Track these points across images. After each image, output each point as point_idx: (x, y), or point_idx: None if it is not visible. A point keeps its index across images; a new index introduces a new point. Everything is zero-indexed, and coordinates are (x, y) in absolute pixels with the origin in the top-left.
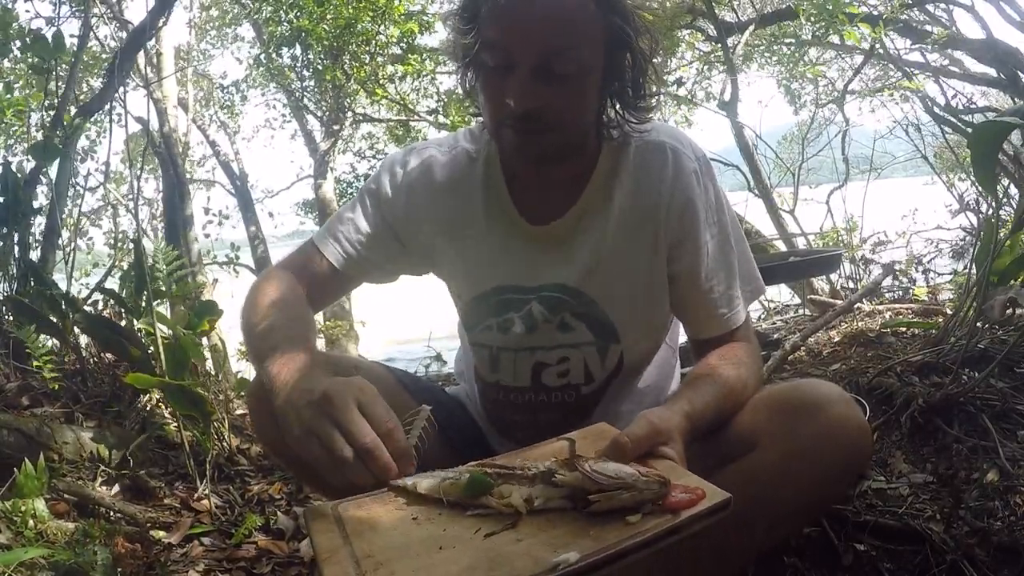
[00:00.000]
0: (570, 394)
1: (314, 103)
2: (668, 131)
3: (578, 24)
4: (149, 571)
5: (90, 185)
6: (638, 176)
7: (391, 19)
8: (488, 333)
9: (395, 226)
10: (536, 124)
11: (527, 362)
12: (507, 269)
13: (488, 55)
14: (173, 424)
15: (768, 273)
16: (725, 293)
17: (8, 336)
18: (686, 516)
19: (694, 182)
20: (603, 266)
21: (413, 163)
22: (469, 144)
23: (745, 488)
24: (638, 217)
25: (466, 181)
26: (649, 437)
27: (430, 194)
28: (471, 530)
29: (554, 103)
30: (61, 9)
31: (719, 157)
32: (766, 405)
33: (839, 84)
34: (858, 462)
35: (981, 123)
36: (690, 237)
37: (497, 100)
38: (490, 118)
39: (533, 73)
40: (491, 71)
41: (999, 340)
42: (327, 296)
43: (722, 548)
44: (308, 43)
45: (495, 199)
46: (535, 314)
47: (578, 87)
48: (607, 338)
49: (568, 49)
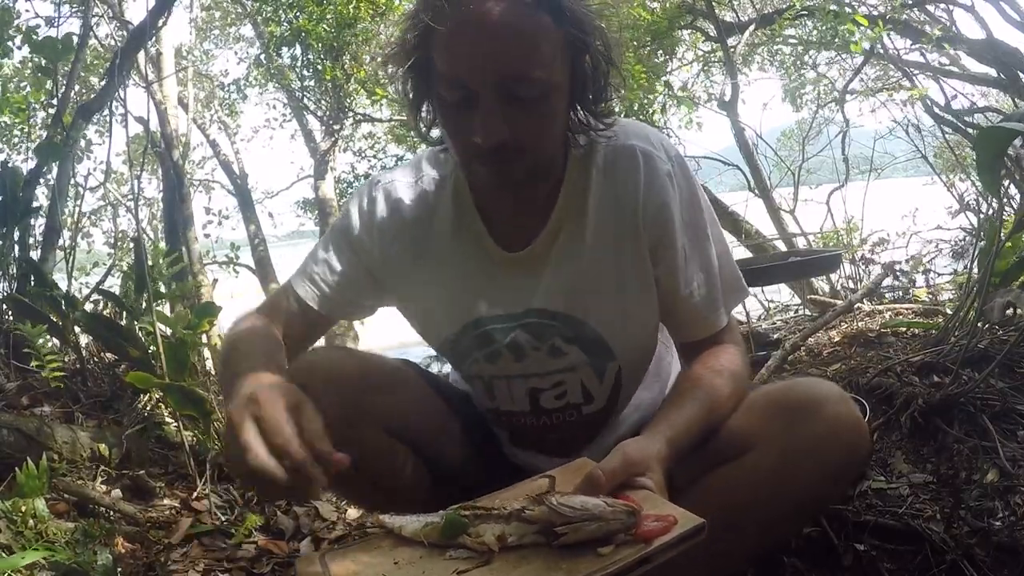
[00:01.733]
0: (571, 414)
1: (314, 103)
2: (636, 131)
3: (536, 44)
4: (149, 571)
5: (90, 185)
6: (609, 185)
7: (391, 19)
8: (477, 365)
9: (368, 264)
10: (508, 154)
11: (522, 388)
12: (486, 300)
13: (446, 91)
14: (173, 424)
15: (768, 273)
16: (706, 296)
17: (8, 336)
18: (657, 544)
19: (668, 185)
20: (586, 284)
21: (380, 199)
22: (433, 171)
23: (742, 489)
24: (615, 227)
25: (435, 213)
26: (624, 469)
27: (399, 231)
28: (448, 571)
29: (523, 129)
30: (61, 9)
31: (719, 157)
32: (762, 405)
33: (839, 84)
34: (856, 461)
35: (986, 128)
36: (666, 241)
37: (463, 136)
38: (458, 154)
39: (497, 103)
40: (451, 106)
41: (999, 340)
42: (307, 337)
43: (719, 550)
44: (308, 43)
45: (467, 229)
46: (521, 342)
47: (545, 108)
48: (602, 357)
49: (530, 72)
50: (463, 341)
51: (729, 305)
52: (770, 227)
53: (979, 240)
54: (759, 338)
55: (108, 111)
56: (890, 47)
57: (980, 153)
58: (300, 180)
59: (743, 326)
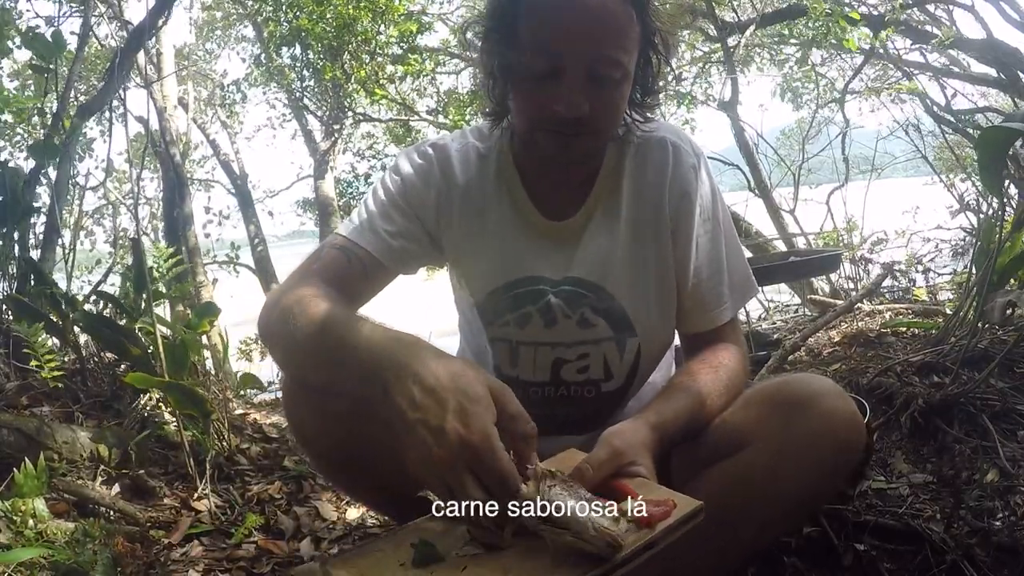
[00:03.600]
0: (590, 390)
1: (314, 103)
2: (669, 128)
3: (624, 29)
4: (149, 571)
5: (90, 184)
6: (641, 171)
7: (391, 19)
8: (506, 328)
9: (423, 216)
10: (582, 128)
11: (547, 357)
12: (523, 263)
13: (534, 62)
14: (173, 424)
15: (768, 273)
16: (714, 290)
17: (8, 336)
18: (661, 529)
19: (692, 176)
20: (617, 261)
21: (433, 157)
22: (478, 142)
23: (739, 485)
24: (645, 211)
25: (479, 175)
26: (611, 459)
27: (450, 184)
28: (459, 569)
29: (598, 108)
30: (61, 9)
31: (719, 157)
32: (757, 401)
33: (839, 84)
34: (852, 456)
35: (987, 129)
36: (683, 228)
37: (541, 105)
38: (528, 122)
39: (583, 79)
40: (533, 77)
41: (999, 340)
42: (363, 294)
43: (718, 547)
44: (308, 43)
45: (508, 194)
46: (554, 308)
47: (619, 92)
48: (625, 332)
49: (616, 54)
50: (500, 300)
51: (735, 302)
52: (770, 227)
53: (979, 240)
54: (759, 338)
55: (108, 111)
56: (890, 47)
57: (981, 154)
58: (300, 180)
59: (743, 326)
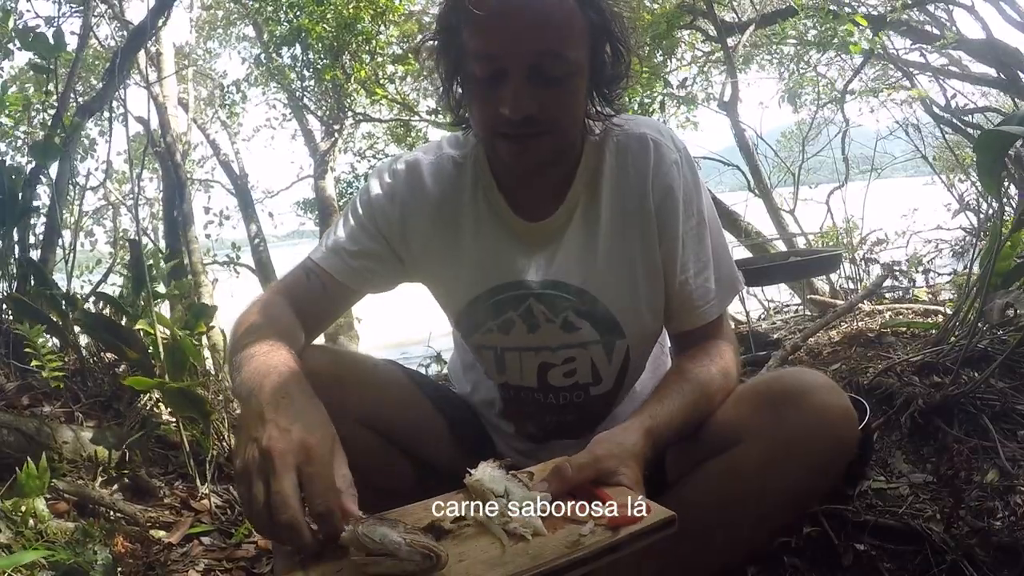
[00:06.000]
0: (578, 395)
1: (314, 103)
2: (648, 123)
3: (565, 24)
4: (149, 571)
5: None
6: (622, 168)
7: (391, 19)
8: (490, 335)
9: (388, 235)
10: (533, 129)
11: (532, 362)
12: (503, 268)
13: (477, 66)
14: (173, 424)
15: (768, 273)
16: (701, 286)
17: (8, 336)
18: (625, 533)
19: (675, 172)
20: (600, 262)
21: (401, 171)
22: (454, 150)
23: (733, 481)
24: (627, 209)
25: (456, 185)
26: (593, 465)
27: (420, 200)
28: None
29: (549, 106)
30: (61, 9)
31: (719, 157)
32: (750, 397)
33: (839, 84)
34: (846, 450)
35: (986, 131)
36: (668, 225)
37: (490, 110)
38: (484, 129)
39: (526, 79)
40: (481, 82)
41: (999, 341)
42: (327, 314)
43: (714, 545)
44: (308, 43)
45: (486, 200)
46: (535, 312)
47: (570, 87)
48: (612, 334)
49: (558, 51)
50: (480, 308)
51: (723, 297)
52: (770, 227)
53: (979, 240)
54: (759, 338)
55: (108, 111)
56: (890, 47)
57: (980, 156)
58: (300, 180)
59: (743, 326)
